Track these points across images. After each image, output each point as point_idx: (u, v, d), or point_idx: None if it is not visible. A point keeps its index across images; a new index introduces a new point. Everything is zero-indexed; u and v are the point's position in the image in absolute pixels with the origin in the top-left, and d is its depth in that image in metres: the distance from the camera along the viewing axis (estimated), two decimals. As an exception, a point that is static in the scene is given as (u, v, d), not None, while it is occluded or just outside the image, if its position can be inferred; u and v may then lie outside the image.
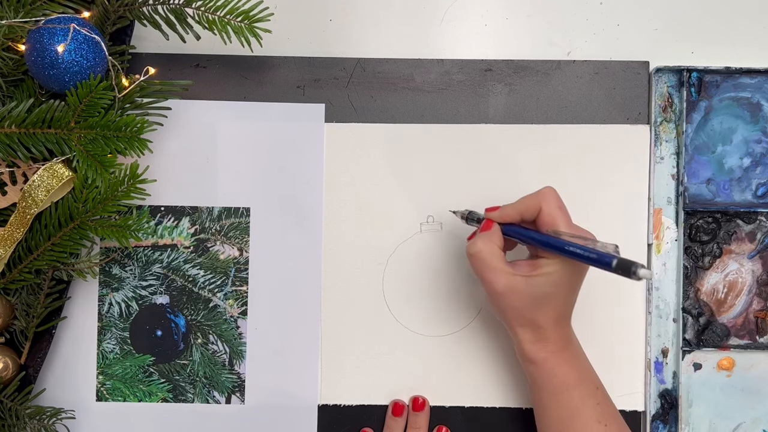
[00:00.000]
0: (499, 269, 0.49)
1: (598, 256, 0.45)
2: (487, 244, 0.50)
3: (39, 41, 0.49)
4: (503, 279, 0.49)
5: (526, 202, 0.50)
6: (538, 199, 0.50)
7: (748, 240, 0.58)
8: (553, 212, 0.49)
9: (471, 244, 0.50)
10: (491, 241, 0.50)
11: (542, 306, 0.49)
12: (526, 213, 0.50)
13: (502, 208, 0.51)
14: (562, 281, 0.48)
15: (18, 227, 0.52)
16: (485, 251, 0.49)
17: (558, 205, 0.49)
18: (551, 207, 0.49)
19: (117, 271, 0.58)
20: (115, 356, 0.58)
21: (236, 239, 0.58)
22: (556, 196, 0.50)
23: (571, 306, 0.51)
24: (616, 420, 0.51)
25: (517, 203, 0.51)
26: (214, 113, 0.58)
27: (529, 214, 0.50)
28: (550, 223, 0.49)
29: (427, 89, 0.58)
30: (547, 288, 0.48)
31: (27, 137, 0.50)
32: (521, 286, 0.48)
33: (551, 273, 0.48)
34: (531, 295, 0.48)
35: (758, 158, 0.58)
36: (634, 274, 0.43)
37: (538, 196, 0.50)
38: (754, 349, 0.57)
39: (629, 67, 0.58)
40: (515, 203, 0.51)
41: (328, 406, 0.58)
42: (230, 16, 0.51)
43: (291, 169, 0.58)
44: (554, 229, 0.49)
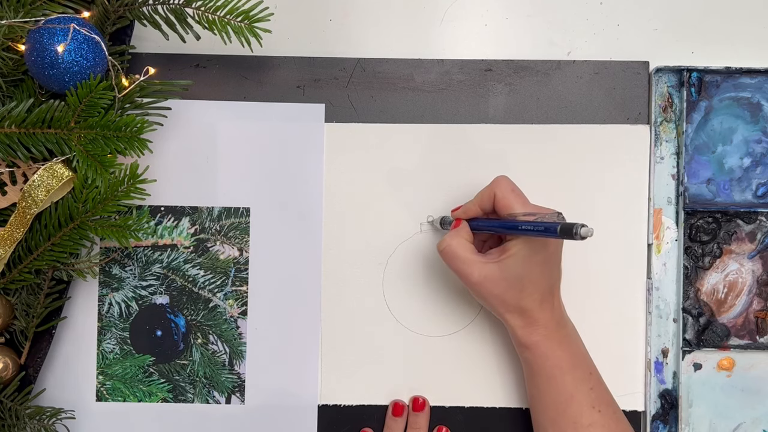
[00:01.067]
0: (471, 260, 0.51)
1: (545, 227, 0.47)
2: (454, 238, 0.52)
3: (39, 41, 0.49)
4: (476, 268, 0.50)
5: (482, 193, 0.52)
6: (491, 188, 0.52)
7: (748, 240, 0.58)
8: (507, 195, 0.51)
9: (440, 241, 0.52)
10: (459, 235, 0.52)
11: (521, 288, 0.50)
12: (484, 204, 0.52)
13: (464, 205, 0.54)
14: (531, 259, 0.49)
15: (18, 227, 0.52)
16: (454, 245, 0.51)
17: (511, 189, 0.51)
18: (504, 191, 0.51)
19: (117, 271, 0.58)
20: (115, 356, 0.58)
21: (236, 239, 0.58)
22: (508, 181, 0.52)
23: (552, 285, 0.52)
24: (611, 405, 0.52)
25: (475, 197, 0.53)
26: (214, 113, 0.58)
27: (486, 204, 0.52)
28: (506, 207, 0.51)
29: (427, 89, 0.58)
30: (519, 268, 0.49)
31: (27, 137, 0.50)
32: (495, 272, 0.50)
33: (517, 253, 0.49)
34: (507, 279, 0.50)
35: (758, 158, 0.58)
36: (576, 234, 0.44)
37: (492, 185, 0.52)
38: (754, 349, 0.57)
39: (629, 67, 0.58)
40: (474, 198, 0.53)
41: (328, 406, 0.58)
42: (230, 16, 0.51)
43: (291, 169, 0.58)
44: (510, 212, 0.50)
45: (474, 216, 0.53)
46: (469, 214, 0.53)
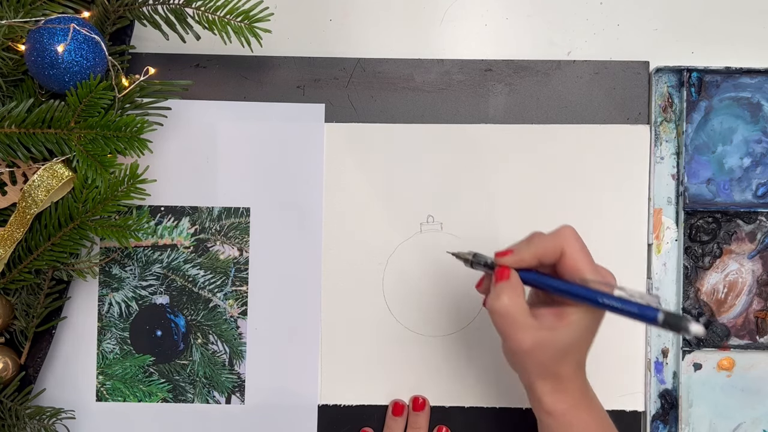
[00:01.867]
0: (528, 325, 0.44)
1: (639, 310, 0.42)
2: (512, 298, 0.44)
3: (39, 41, 0.49)
4: (530, 336, 0.44)
5: (545, 244, 0.45)
6: (558, 242, 0.45)
7: (748, 240, 0.58)
8: (577, 256, 0.44)
9: (495, 298, 0.45)
10: (516, 294, 0.45)
11: (566, 356, 0.45)
12: (545, 257, 0.45)
13: (517, 252, 0.46)
14: (588, 328, 0.45)
15: (18, 227, 0.52)
16: (512, 307, 0.44)
17: (580, 247, 0.44)
18: (574, 250, 0.44)
19: (117, 271, 0.58)
20: (115, 356, 0.58)
21: (236, 239, 0.58)
22: (577, 236, 0.45)
23: (588, 351, 0.47)
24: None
25: (533, 245, 0.45)
26: (214, 113, 0.58)
27: (548, 259, 0.45)
28: (575, 269, 0.44)
29: (427, 89, 0.58)
30: (574, 337, 0.45)
31: (27, 137, 0.50)
32: (548, 340, 0.44)
33: (577, 321, 0.44)
34: (557, 348, 0.44)
35: (758, 158, 0.58)
36: (684, 329, 0.39)
37: (558, 238, 0.45)
38: (754, 349, 0.57)
39: (629, 67, 0.58)
40: (530, 245, 0.46)
41: (328, 406, 0.58)
42: (230, 16, 0.51)
43: (291, 169, 0.58)
44: (581, 277, 0.44)
45: (528, 268, 0.46)
46: (522, 265, 0.46)
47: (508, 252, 0.46)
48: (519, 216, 0.58)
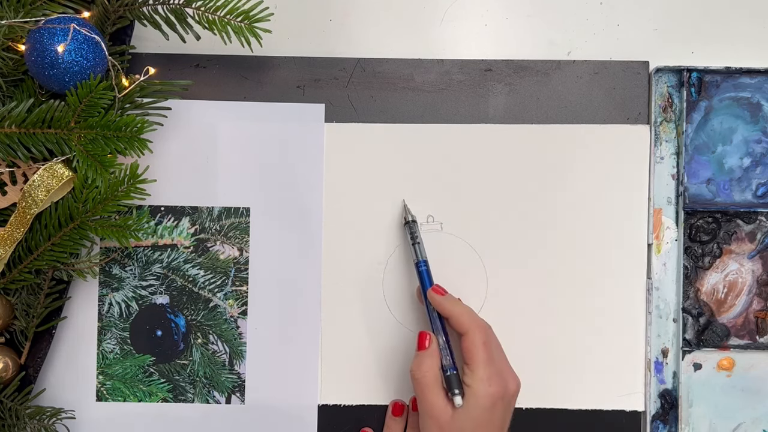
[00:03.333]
0: (440, 394, 0.51)
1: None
2: (431, 367, 0.52)
3: (39, 41, 0.49)
4: (441, 401, 0.51)
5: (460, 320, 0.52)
6: (464, 328, 0.51)
7: (748, 240, 0.58)
8: (474, 345, 0.51)
9: (417, 366, 0.52)
10: (435, 363, 0.52)
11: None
12: (453, 323, 0.52)
13: (446, 300, 0.53)
14: (482, 416, 0.50)
15: (18, 227, 0.52)
16: (429, 374, 0.51)
17: (483, 342, 0.51)
18: (474, 340, 0.51)
19: (117, 271, 0.58)
20: (115, 356, 0.58)
21: (236, 239, 0.58)
22: (484, 335, 0.51)
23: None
24: None
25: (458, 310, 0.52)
26: (214, 113, 0.58)
27: (455, 327, 0.52)
28: (468, 351, 0.51)
29: (427, 89, 0.58)
30: (476, 417, 0.50)
31: (27, 137, 0.50)
32: (455, 413, 0.50)
33: (471, 402, 0.50)
34: (462, 424, 0.50)
35: (758, 158, 0.58)
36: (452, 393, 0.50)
37: (464, 326, 0.51)
38: (754, 349, 0.57)
39: (629, 67, 0.58)
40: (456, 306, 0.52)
41: (328, 406, 0.58)
42: (230, 16, 0.51)
43: (291, 169, 0.58)
44: (469, 360, 0.50)
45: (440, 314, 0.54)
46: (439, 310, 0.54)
47: (443, 292, 0.54)
48: (519, 216, 0.58)
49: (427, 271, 0.55)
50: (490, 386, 0.49)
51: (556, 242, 0.58)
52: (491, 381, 0.49)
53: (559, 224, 0.58)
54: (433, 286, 0.54)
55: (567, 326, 0.58)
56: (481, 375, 0.49)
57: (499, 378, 0.50)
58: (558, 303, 0.58)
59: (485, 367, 0.50)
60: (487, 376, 0.49)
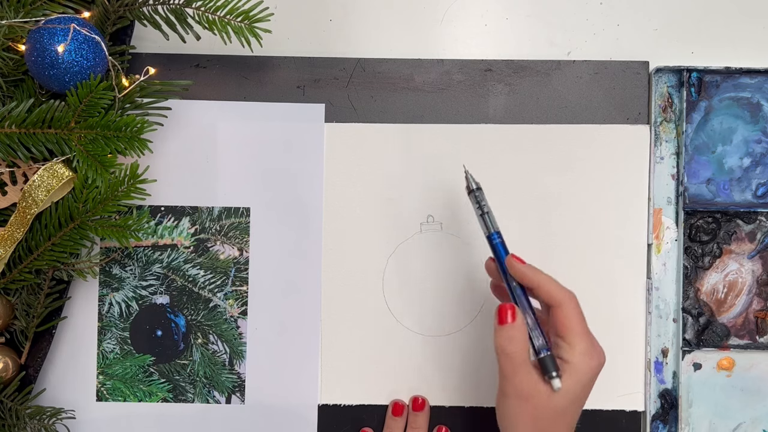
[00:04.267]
0: (530, 372, 0.46)
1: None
2: (522, 343, 0.47)
3: (39, 41, 0.49)
4: (529, 381, 0.46)
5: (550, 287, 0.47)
6: (560, 296, 0.47)
7: (748, 240, 0.58)
8: (572, 314, 0.47)
9: (508, 340, 0.47)
10: (525, 339, 0.47)
11: (558, 418, 0.46)
12: (540, 292, 0.48)
13: (528, 268, 0.48)
14: (577, 397, 0.46)
15: (18, 227, 0.52)
16: (521, 351, 0.46)
17: (578, 313, 0.47)
18: (571, 309, 0.47)
19: (117, 271, 0.58)
20: (115, 356, 0.58)
21: (236, 239, 0.58)
22: (577, 304, 0.47)
23: (577, 418, 0.48)
24: None
25: (543, 278, 0.47)
26: (214, 113, 0.58)
27: (542, 297, 0.48)
28: (565, 325, 0.46)
29: (427, 89, 0.58)
30: (567, 401, 0.46)
31: (27, 137, 0.50)
32: (544, 395, 0.46)
33: (567, 388, 0.46)
34: (550, 407, 0.46)
35: (758, 158, 0.58)
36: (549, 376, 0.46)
37: (562, 293, 0.47)
38: (754, 349, 0.57)
39: (629, 67, 0.58)
40: (540, 275, 0.47)
41: (328, 406, 0.58)
42: (230, 16, 0.51)
43: (291, 169, 0.58)
44: (568, 335, 0.46)
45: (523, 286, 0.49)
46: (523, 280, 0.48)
47: (523, 261, 0.48)
48: (519, 216, 0.58)
49: (502, 243, 0.49)
50: (591, 359, 0.46)
51: (555, 242, 0.58)
52: (591, 354, 0.46)
53: (559, 224, 0.58)
54: (512, 254, 0.49)
55: (567, 326, 0.58)
56: (581, 349, 0.46)
57: (596, 350, 0.47)
58: (558, 303, 0.58)
59: (584, 340, 0.46)
60: (587, 349, 0.46)
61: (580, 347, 0.46)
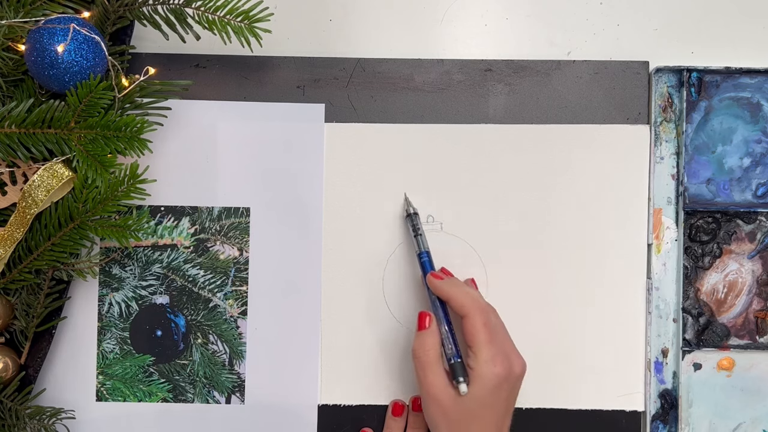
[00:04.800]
0: (440, 373, 0.50)
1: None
2: (432, 345, 0.51)
3: (39, 41, 0.49)
4: (441, 381, 0.50)
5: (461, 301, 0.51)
6: (464, 310, 0.50)
7: (748, 240, 0.58)
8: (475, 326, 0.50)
9: (419, 345, 0.51)
10: (436, 342, 0.51)
11: (473, 420, 0.49)
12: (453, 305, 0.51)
13: (446, 283, 0.52)
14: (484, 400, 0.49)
15: (18, 227, 0.52)
16: (431, 353, 0.51)
17: (483, 323, 0.50)
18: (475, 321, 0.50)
19: (117, 271, 0.58)
20: (115, 356, 0.58)
21: (236, 239, 0.58)
22: (484, 315, 0.50)
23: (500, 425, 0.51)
24: None
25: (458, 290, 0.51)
26: (214, 113, 0.58)
27: (455, 309, 0.52)
28: (470, 333, 0.50)
29: (427, 89, 0.58)
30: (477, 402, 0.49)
31: (27, 137, 0.50)
32: (454, 396, 0.50)
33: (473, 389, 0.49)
34: (462, 407, 0.49)
35: (758, 158, 0.58)
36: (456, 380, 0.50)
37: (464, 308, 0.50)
38: (754, 349, 0.57)
39: (629, 67, 0.58)
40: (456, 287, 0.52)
41: (328, 406, 0.58)
42: (230, 16, 0.51)
43: (291, 169, 0.58)
44: (471, 343, 0.50)
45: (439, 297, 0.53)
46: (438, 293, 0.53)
47: (441, 277, 0.53)
48: (519, 216, 0.58)
49: (429, 262, 0.54)
50: (495, 366, 0.49)
51: (556, 242, 0.58)
52: (495, 361, 0.49)
53: (559, 224, 0.58)
54: (431, 271, 0.54)
55: (567, 326, 0.58)
56: (484, 356, 0.49)
57: (504, 358, 0.49)
58: (558, 303, 0.58)
59: (488, 348, 0.49)
60: (490, 356, 0.49)
61: (483, 355, 0.49)
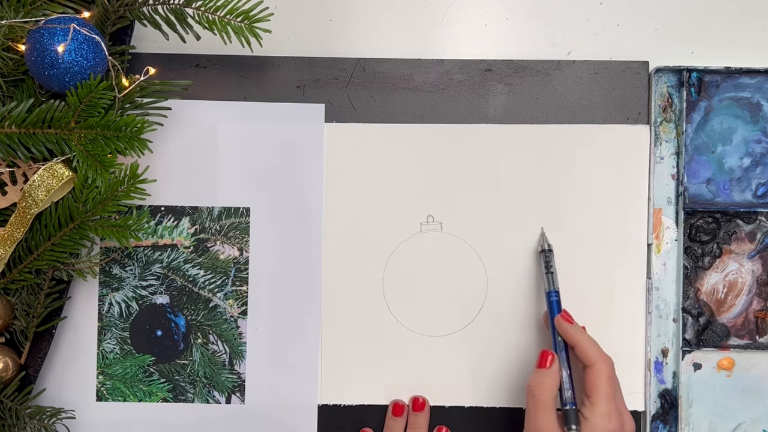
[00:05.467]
0: (552, 415, 0.50)
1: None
2: (551, 386, 0.51)
3: (39, 41, 0.49)
4: (551, 424, 0.50)
5: (588, 350, 0.51)
6: (592, 359, 0.51)
7: (748, 240, 0.58)
8: (600, 378, 0.50)
9: (537, 382, 0.51)
10: (555, 383, 0.51)
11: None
12: (578, 352, 0.52)
13: (574, 329, 0.52)
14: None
15: (18, 227, 0.52)
16: (547, 393, 0.50)
17: (608, 376, 0.50)
18: (601, 372, 0.50)
19: (117, 271, 0.58)
20: (115, 356, 0.58)
21: (236, 239, 0.58)
22: (610, 370, 0.50)
23: None
24: None
25: (584, 340, 0.52)
26: (214, 113, 0.58)
27: (580, 356, 0.52)
28: (592, 383, 0.50)
29: (427, 89, 0.58)
30: None
31: (27, 137, 0.50)
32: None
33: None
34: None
35: (758, 158, 0.58)
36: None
37: (594, 357, 0.51)
38: (754, 349, 0.57)
39: (629, 67, 0.58)
40: (582, 337, 0.52)
41: (328, 406, 0.58)
42: (230, 16, 0.51)
43: (291, 169, 0.58)
44: (592, 392, 0.50)
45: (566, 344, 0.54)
46: (567, 338, 0.53)
47: (571, 321, 0.53)
48: (519, 216, 0.58)
49: (557, 302, 0.54)
50: (609, 423, 0.49)
51: (555, 242, 0.58)
52: (611, 418, 0.49)
53: (559, 224, 0.58)
54: (561, 312, 0.54)
55: (567, 326, 0.58)
56: (602, 410, 0.49)
57: (618, 416, 0.49)
58: (558, 303, 0.58)
59: (607, 403, 0.49)
60: (607, 412, 0.49)
61: (600, 409, 0.49)
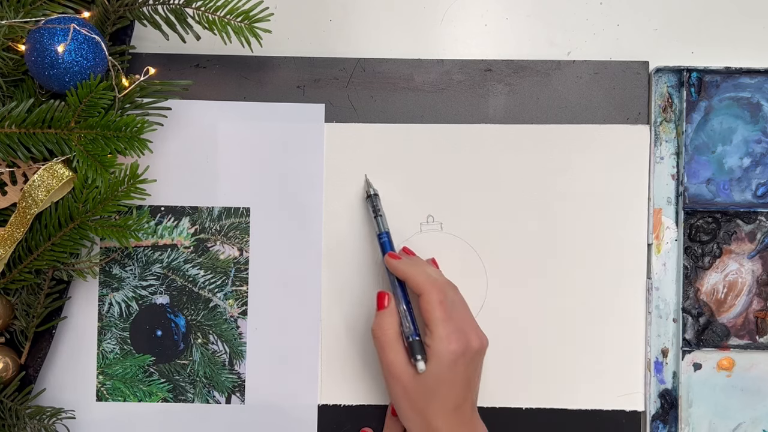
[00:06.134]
0: (400, 351, 0.51)
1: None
2: (391, 324, 0.52)
3: (39, 41, 0.49)
4: (401, 359, 0.51)
5: (417, 279, 0.52)
6: (420, 288, 0.51)
7: (748, 240, 0.58)
8: (430, 304, 0.51)
9: (377, 325, 0.52)
10: (395, 321, 0.53)
11: (433, 396, 0.50)
12: (410, 284, 0.52)
13: (403, 263, 0.53)
14: (440, 377, 0.50)
15: (18, 227, 0.52)
16: (389, 332, 0.52)
17: (439, 301, 0.51)
18: (431, 299, 0.51)
19: (117, 271, 0.58)
20: (115, 356, 0.58)
21: (236, 239, 0.58)
22: (440, 292, 0.51)
23: (462, 401, 0.51)
24: None
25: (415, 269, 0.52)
26: (214, 113, 0.58)
27: (411, 287, 0.52)
28: (425, 310, 0.51)
29: (427, 89, 0.58)
30: (434, 380, 0.50)
31: (27, 137, 0.50)
32: (413, 373, 0.51)
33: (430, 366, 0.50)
34: (421, 384, 0.50)
35: (758, 158, 0.58)
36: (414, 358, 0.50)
37: (420, 285, 0.51)
38: (754, 349, 0.57)
39: (629, 67, 0.58)
40: (414, 267, 0.52)
41: (328, 406, 0.58)
42: (230, 16, 0.51)
43: (291, 169, 0.58)
44: (427, 318, 0.51)
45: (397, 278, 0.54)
46: (396, 273, 0.54)
47: (399, 257, 0.54)
48: (519, 216, 0.58)
49: (388, 242, 0.55)
50: (450, 344, 0.49)
51: (556, 242, 0.58)
52: (450, 339, 0.49)
53: (559, 224, 0.58)
54: (389, 251, 0.54)
55: (567, 326, 0.58)
56: (440, 334, 0.50)
57: (460, 335, 0.50)
58: (558, 303, 0.58)
59: (444, 326, 0.50)
60: (446, 334, 0.49)
61: (438, 333, 0.50)
